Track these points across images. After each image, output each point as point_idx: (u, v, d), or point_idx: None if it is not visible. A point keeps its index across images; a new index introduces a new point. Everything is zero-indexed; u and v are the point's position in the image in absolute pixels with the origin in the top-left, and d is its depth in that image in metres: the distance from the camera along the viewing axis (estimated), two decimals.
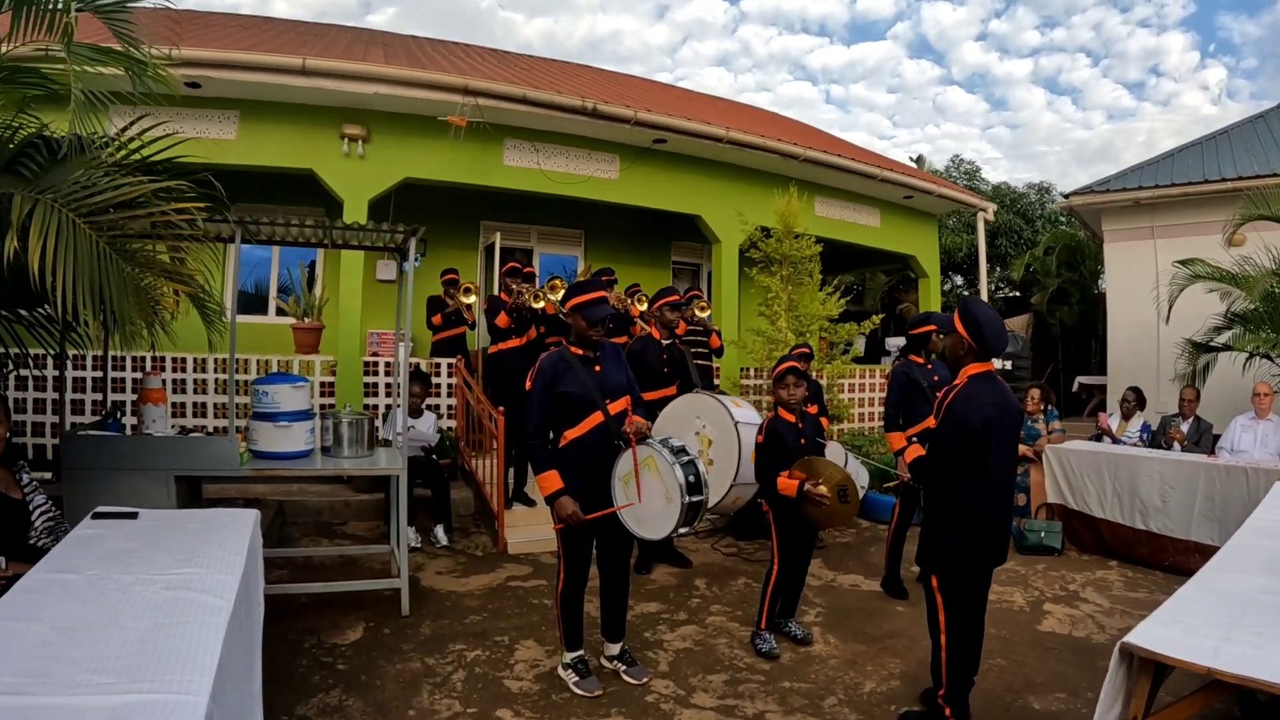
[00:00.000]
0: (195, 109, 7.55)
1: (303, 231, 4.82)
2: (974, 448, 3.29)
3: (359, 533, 6.53)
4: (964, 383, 3.38)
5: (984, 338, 3.33)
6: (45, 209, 3.02)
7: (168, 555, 2.79)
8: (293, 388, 4.67)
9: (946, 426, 3.36)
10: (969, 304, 3.47)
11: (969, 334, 3.36)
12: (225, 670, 2.04)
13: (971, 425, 3.26)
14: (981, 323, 3.34)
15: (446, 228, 10.07)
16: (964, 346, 3.41)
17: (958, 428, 3.30)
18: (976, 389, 3.34)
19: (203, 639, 2.10)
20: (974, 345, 3.36)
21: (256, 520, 3.40)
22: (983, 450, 3.30)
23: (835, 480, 4.12)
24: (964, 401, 3.31)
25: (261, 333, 9.17)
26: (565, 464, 3.74)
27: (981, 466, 3.32)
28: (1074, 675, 4.16)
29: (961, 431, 3.29)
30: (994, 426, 3.30)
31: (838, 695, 3.89)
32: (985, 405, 3.29)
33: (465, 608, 4.94)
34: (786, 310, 8.47)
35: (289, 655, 4.10)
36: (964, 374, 3.41)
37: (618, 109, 8.45)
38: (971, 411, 3.28)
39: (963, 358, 3.43)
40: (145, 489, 4.26)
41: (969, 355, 3.40)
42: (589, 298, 3.79)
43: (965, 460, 3.32)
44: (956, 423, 3.31)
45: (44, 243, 2.92)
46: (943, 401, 3.42)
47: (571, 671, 3.88)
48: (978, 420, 3.26)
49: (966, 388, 3.36)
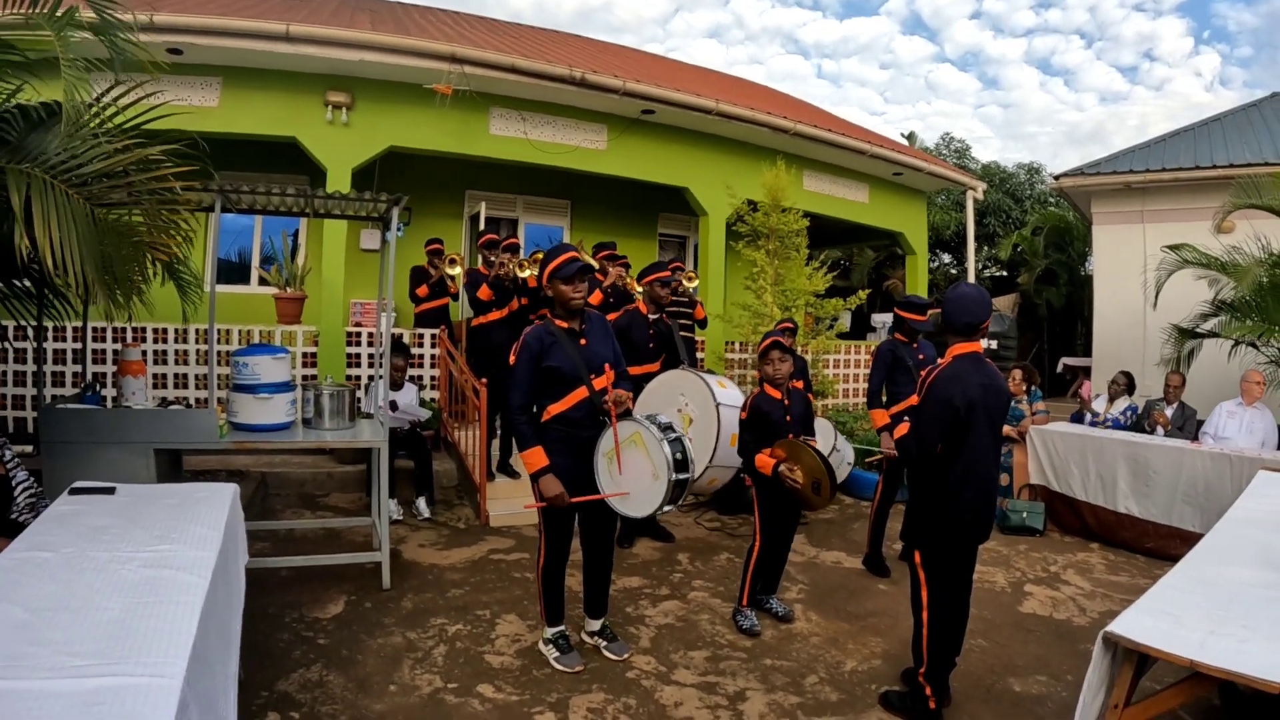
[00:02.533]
0: (177, 76, 7.40)
1: (284, 200, 4.72)
2: (956, 426, 3.30)
3: (342, 504, 6.49)
4: (948, 362, 3.40)
5: (949, 313, 3.37)
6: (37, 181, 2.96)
7: (145, 531, 2.74)
8: (273, 359, 4.59)
9: (927, 404, 3.37)
10: (955, 285, 3.51)
11: (944, 314, 3.40)
12: (200, 651, 2.01)
13: (953, 404, 3.27)
14: (951, 299, 3.39)
15: (431, 197, 9.97)
16: (946, 325, 3.43)
17: (939, 406, 3.31)
18: (960, 368, 3.34)
19: (178, 619, 2.06)
20: (945, 323, 3.39)
21: (235, 495, 3.36)
22: (966, 429, 3.30)
23: (812, 473, 4.10)
24: (946, 380, 3.32)
25: (244, 303, 9.09)
26: (549, 440, 3.68)
27: (964, 445, 3.32)
28: (1055, 658, 4.18)
29: (943, 410, 3.29)
30: (978, 406, 3.29)
31: (819, 674, 3.90)
32: (969, 385, 3.29)
33: (447, 581, 4.92)
34: (772, 284, 8.43)
35: (270, 629, 4.06)
36: (950, 353, 3.43)
37: (606, 79, 8.34)
38: (953, 390, 3.28)
39: (947, 336, 3.45)
40: (124, 462, 4.21)
41: (951, 333, 3.42)
42: (559, 260, 3.67)
43: (948, 438, 3.32)
44: (937, 400, 3.31)
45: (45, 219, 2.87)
46: (925, 380, 3.42)
47: (552, 647, 3.87)
48: (960, 399, 3.26)
49: (950, 367, 3.36)
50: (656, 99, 8.75)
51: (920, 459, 3.44)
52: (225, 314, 8.42)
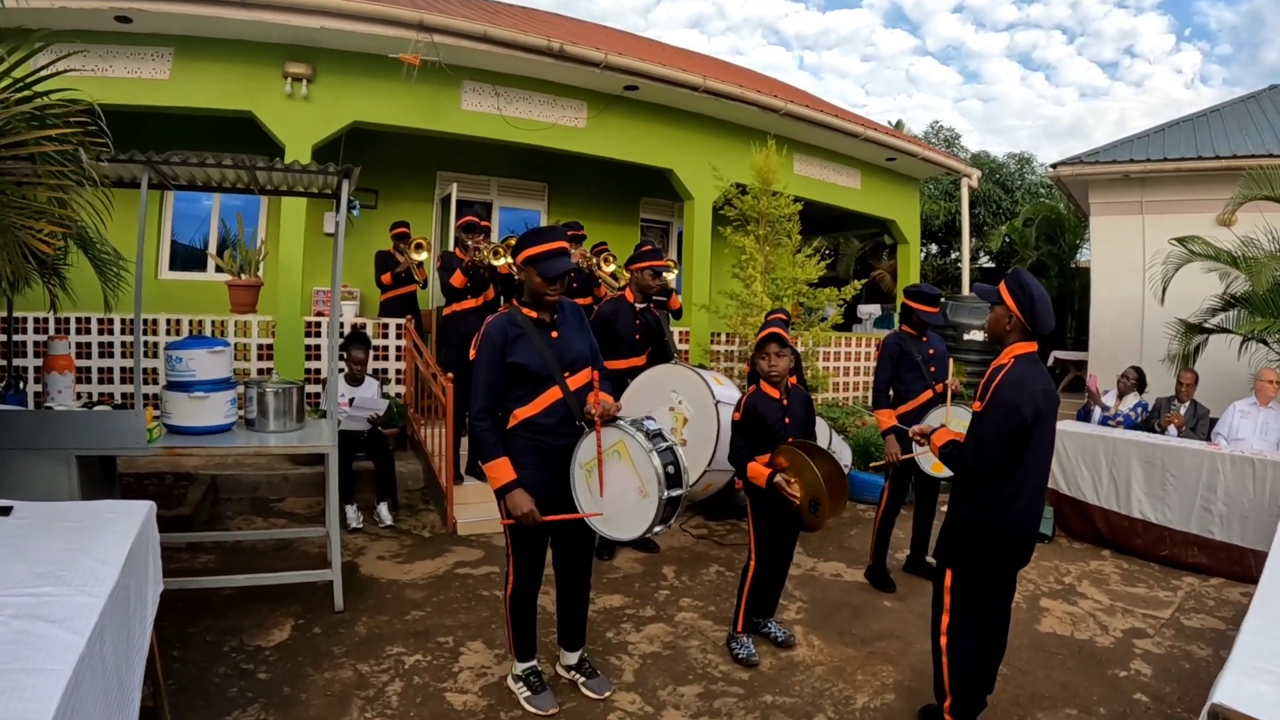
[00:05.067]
0: (126, 46, 6.95)
1: (223, 173, 4.19)
2: (1020, 436, 2.89)
3: (298, 510, 5.97)
4: (1010, 363, 2.96)
5: (1037, 314, 2.93)
6: None
7: (28, 568, 2.22)
8: (210, 353, 4.07)
9: (995, 410, 2.92)
10: (1021, 276, 3.03)
11: (1019, 309, 2.95)
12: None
13: (1021, 413, 2.87)
14: (1036, 297, 2.93)
15: (400, 178, 9.44)
16: (1010, 321, 2.99)
17: (1006, 413, 2.89)
18: (1025, 372, 2.93)
19: (37, 697, 1.57)
20: (1022, 321, 2.95)
21: (150, 515, 2.83)
22: (1028, 439, 2.90)
23: (811, 490, 3.59)
24: (1014, 385, 2.91)
25: (199, 291, 8.56)
26: (516, 449, 3.17)
27: (1023, 456, 2.93)
28: (1083, 686, 3.77)
29: (1009, 418, 2.89)
30: (1042, 413, 2.90)
31: (826, 712, 3.44)
32: (1034, 391, 2.89)
33: (407, 600, 4.42)
34: (762, 272, 7.97)
35: (205, 661, 3.56)
36: (1008, 353, 3.00)
37: (587, 51, 7.82)
38: (1023, 397, 2.88)
39: (1007, 334, 3.02)
40: (42, 471, 3.71)
41: (1014, 332, 2.99)
42: (545, 248, 3.14)
43: (1008, 449, 2.91)
44: (1004, 408, 2.89)
45: None
46: (989, 383, 2.97)
47: (523, 685, 3.36)
48: (1028, 407, 2.87)
49: (1015, 369, 2.94)
50: (640, 73, 8.23)
51: (978, 471, 2.99)
52: (180, 303, 7.89)
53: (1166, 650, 4.24)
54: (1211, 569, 5.46)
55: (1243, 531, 5.34)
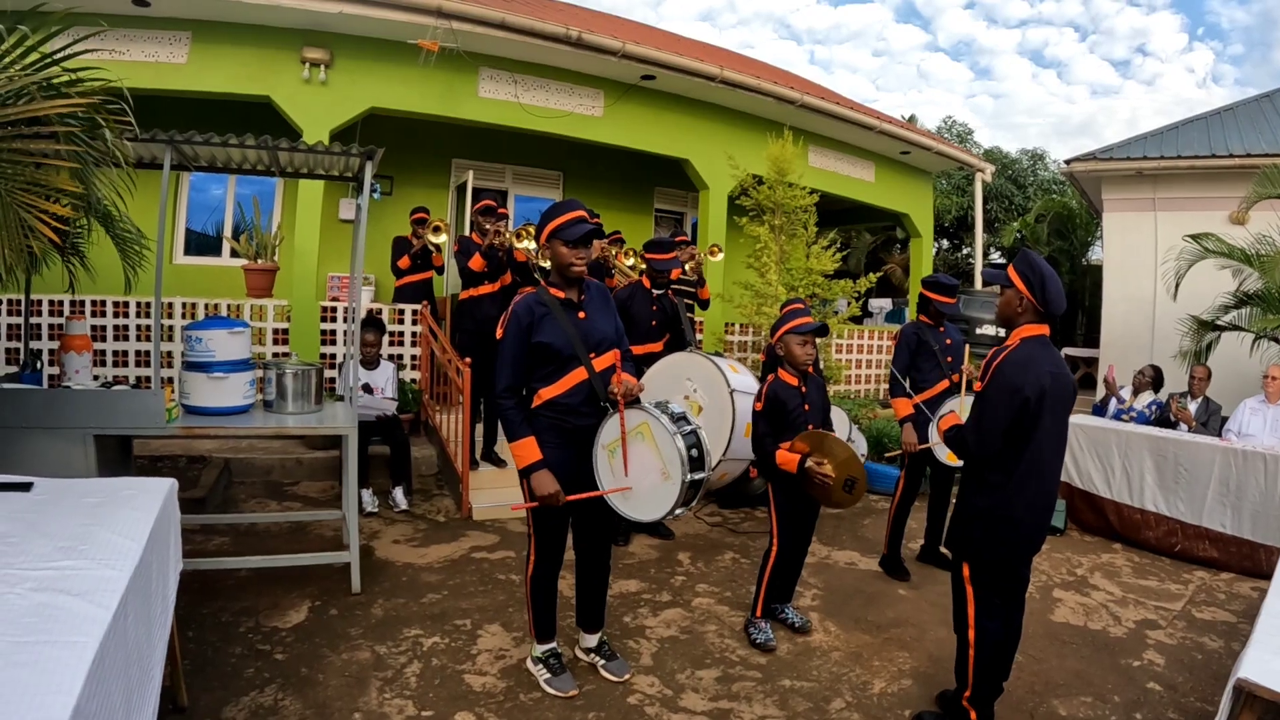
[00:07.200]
0: (144, 29, 6.94)
1: (244, 153, 4.20)
2: (1023, 418, 2.86)
3: (311, 494, 5.99)
4: (1016, 344, 2.94)
5: (1047, 294, 2.89)
6: None
7: (49, 541, 2.22)
8: (229, 333, 4.07)
9: (994, 392, 2.90)
10: (1030, 256, 2.99)
11: (1028, 289, 2.91)
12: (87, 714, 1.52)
13: (1023, 394, 2.83)
14: (1046, 276, 2.89)
15: (416, 165, 9.44)
16: (1020, 303, 2.95)
17: (1007, 395, 2.86)
18: (1031, 352, 2.89)
19: (60, 672, 1.57)
20: (1033, 302, 2.91)
21: (171, 492, 2.84)
22: (1034, 422, 2.86)
23: (846, 469, 3.58)
24: (1016, 365, 2.87)
25: (214, 276, 8.60)
26: (539, 429, 3.17)
27: (1030, 441, 2.89)
28: (1096, 675, 3.78)
29: (1011, 400, 2.85)
30: (1048, 396, 2.85)
31: (844, 697, 3.45)
32: (1040, 372, 2.85)
33: (423, 584, 4.43)
34: (777, 263, 7.95)
35: (221, 642, 3.57)
36: (1016, 335, 2.97)
37: (604, 39, 7.80)
38: (1025, 378, 2.83)
39: (1018, 316, 2.98)
40: (60, 450, 3.71)
41: (1026, 314, 2.95)
42: (565, 218, 3.14)
43: (1011, 432, 2.88)
44: (1005, 389, 2.86)
45: None
46: (990, 363, 2.95)
47: (542, 667, 3.38)
48: (1031, 388, 2.82)
49: (1020, 350, 2.91)
50: (657, 63, 8.21)
51: (979, 456, 2.97)
52: (196, 288, 7.91)
53: (1179, 641, 4.24)
54: (1223, 563, 5.46)
55: (1254, 526, 5.34)
